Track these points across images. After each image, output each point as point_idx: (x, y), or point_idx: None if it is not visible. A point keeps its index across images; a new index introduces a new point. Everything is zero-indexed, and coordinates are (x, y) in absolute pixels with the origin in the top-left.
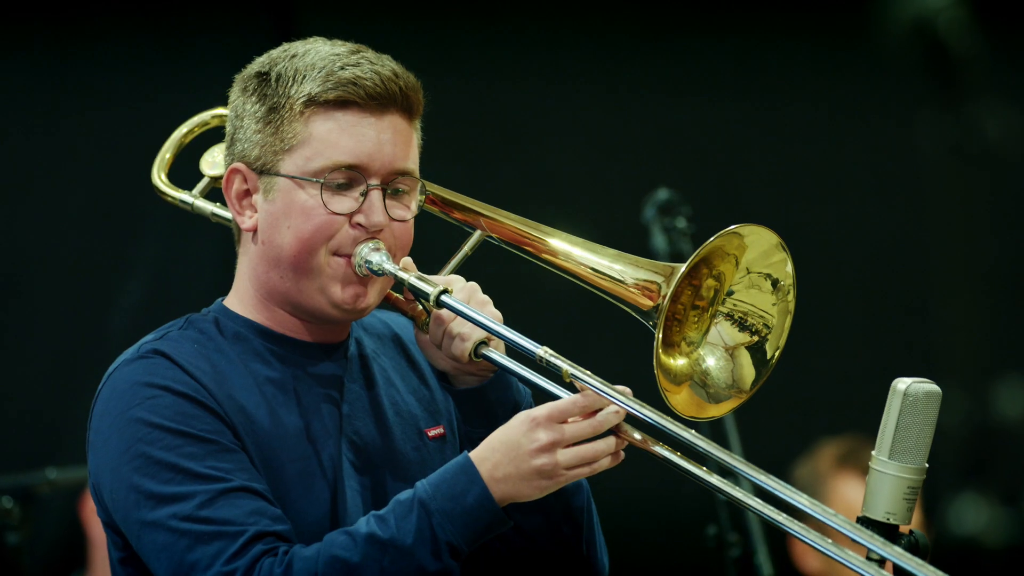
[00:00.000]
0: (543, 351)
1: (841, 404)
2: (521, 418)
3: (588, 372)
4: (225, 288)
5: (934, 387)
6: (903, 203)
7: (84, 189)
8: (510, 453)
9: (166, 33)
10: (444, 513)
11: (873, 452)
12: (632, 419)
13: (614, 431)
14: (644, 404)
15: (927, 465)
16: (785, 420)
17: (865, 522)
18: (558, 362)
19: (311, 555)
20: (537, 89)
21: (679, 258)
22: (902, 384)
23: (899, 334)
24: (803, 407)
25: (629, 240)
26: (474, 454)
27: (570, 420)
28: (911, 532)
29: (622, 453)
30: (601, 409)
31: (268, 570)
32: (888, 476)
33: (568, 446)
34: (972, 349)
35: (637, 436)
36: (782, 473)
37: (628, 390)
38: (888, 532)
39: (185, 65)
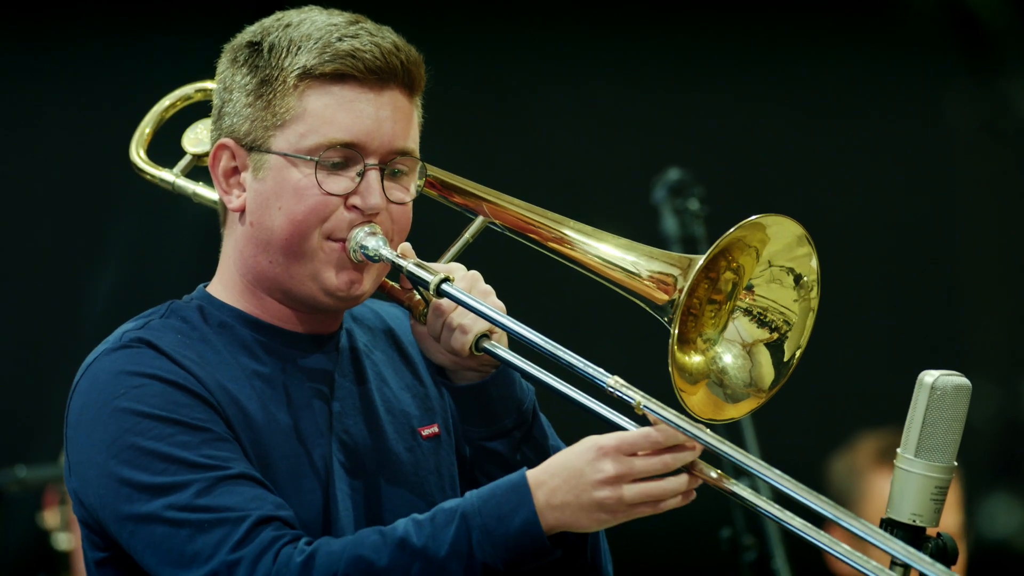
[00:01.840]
0: (615, 380)
1: (865, 398)
2: (587, 444)
3: (662, 404)
4: (205, 273)
5: (963, 380)
6: (931, 184)
7: (54, 168)
8: (571, 480)
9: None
10: (486, 531)
11: (898, 450)
12: (709, 455)
13: (687, 468)
14: (723, 440)
15: (956, 464)
16: (806, 415)
17: (890, 524)
18: (631, 393)
19: (337, 550)
20: (543, 65)
21: (691, 242)
22: (929, 377)
23: (926, 324)
24: (825, 401)
25: (639, 223)
26: (532, 474)
27: (640, 453)
28: (939, 535)
29: (694, 492)
30: (674, 445)
31: (286, 559)
32: (914, 475)
33: (635, 481)
34: (1004, 340)
35: (713, 475)
36: (805, 471)
37: (705, 428)
38: (914, 535)
39: (166, 35)
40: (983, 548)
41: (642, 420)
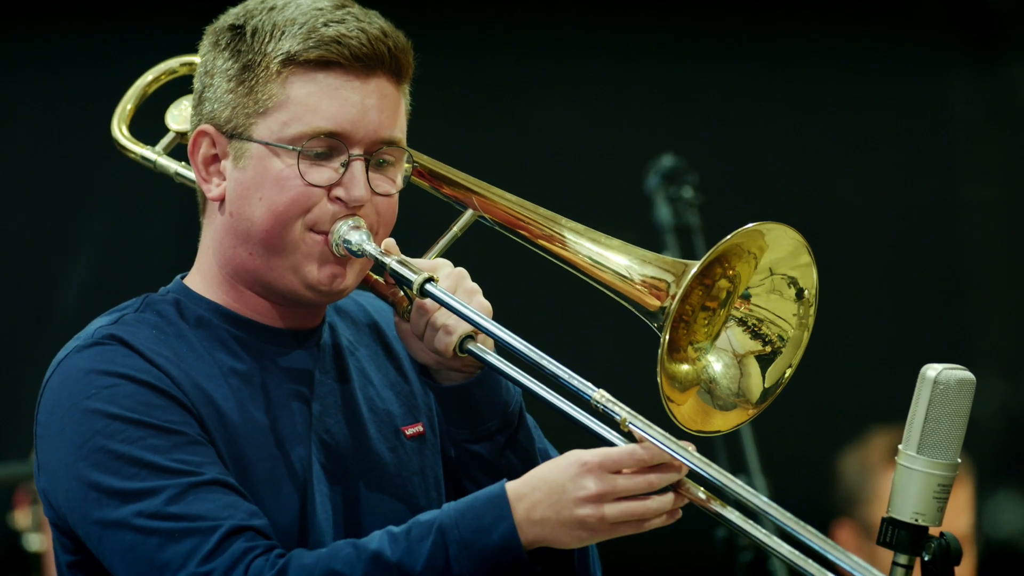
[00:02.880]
0: (600, 395)
1: (867, 393)
2: (570, 459)
3: (648, 422)
4: (182, 263)
5: (967, 374)
6: (933, 172)
7: (25, 154)
8: (552, 495)
9: None
10: (463, 545)
11: (900, 446)
12: (694, 476)
13: (674, 487)
14: (710, 463)
15: (959, 461)
16: (806, 411)
17: (891, 524)
18: (616, 408)
19: (310, 563)
20: (533, 49)
21: (685, 231)
22: (932, 371)
23: (929, 317)
24: (825, 397)
25: (631, 212)
26: (512, 487)
27: (624, 471)
28: (942, 535)
29: (679, 511)
30: (660, 464)
31: (258, 572)
32: (916, 473)
33: (618, 499)
34: (1010, 332)
35: (701, 495)
36: (803, 470)
37: (691, 445)
38: (916, 535)
39: (144, 14)
40: (988, 547)
41: (628, 435)
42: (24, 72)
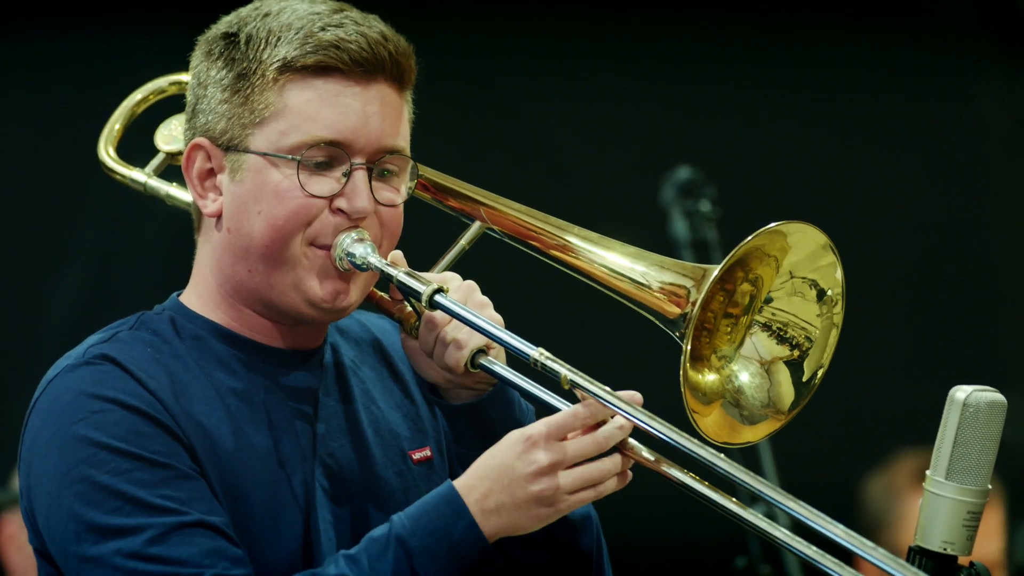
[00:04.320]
0: (538, 353)
1: (893, 416)
2: (514, 437)
3: (589, 378)
4: (176, 281)
5: (998, 396)
6: (963, 184)
7: (14, 166)
8: (503, 479)
9: None
10: (426, 551)
11: (928, 472)
12: (641, 434)
13: (619, 448)
14: (655, 417)
15: (990, 487)
16: (828, 434)
17: (919, 552)
18: (555, 366)
19: None
20: (544, 57)
21: (702, 247)
22: (961, 393)
23: (958, 336)
24: (849, 419)
25: (646, 226)
26: (459, 482)
27: (570, 436)
28: (971, 564)
29: (629, 473)
30: (605, 421)
31: None
32: (945, 500)
33: (570, 467)
34: None
35: (648, 455)
36: (822, 496)
37: (638, 396)
38: (945, 564)
39: (137, 24)
40: (1018, 575)
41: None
42: (14, 82)
